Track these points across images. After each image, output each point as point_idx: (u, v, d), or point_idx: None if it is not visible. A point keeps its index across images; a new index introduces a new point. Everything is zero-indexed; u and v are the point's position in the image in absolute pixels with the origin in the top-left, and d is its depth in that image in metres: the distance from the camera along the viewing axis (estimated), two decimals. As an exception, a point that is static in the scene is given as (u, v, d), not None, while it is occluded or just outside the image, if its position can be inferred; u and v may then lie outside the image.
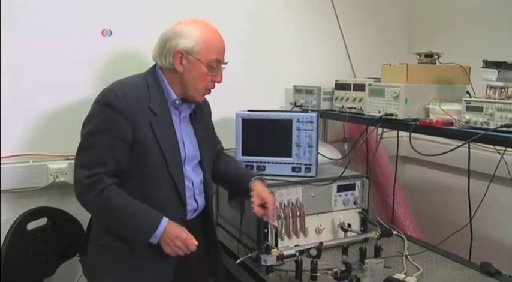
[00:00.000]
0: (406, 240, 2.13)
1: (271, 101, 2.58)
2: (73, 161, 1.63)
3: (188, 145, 1.71)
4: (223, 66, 1.70)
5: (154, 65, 1.71)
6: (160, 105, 1.63)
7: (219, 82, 1.70)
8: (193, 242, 1.59)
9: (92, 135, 1.57)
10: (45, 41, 2.07)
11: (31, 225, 1.97)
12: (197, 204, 1.73)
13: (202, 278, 1.85)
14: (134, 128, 1.56)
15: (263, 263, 1.69)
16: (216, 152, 1.97)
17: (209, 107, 1.94)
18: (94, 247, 1.72)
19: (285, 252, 1.70)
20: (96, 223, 1.74)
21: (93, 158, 1.55)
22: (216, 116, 2.01)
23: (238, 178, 1.87)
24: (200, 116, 1.81)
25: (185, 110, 1.73)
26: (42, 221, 2.02)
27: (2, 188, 2.00)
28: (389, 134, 2.50)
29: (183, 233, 1.58)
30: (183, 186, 1.66)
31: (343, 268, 1.66)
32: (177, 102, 1.67)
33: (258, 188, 1.79)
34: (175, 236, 1.57)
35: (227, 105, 2.22)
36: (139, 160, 1.59)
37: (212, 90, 1.74)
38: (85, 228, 2.07)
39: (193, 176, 1.72)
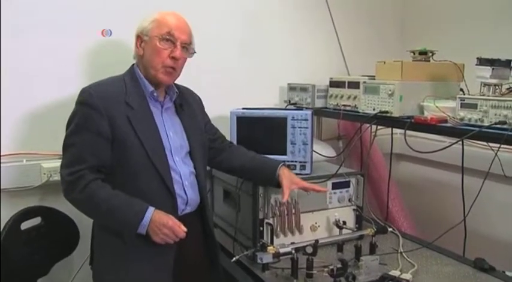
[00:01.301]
0: (400, 237, 2.14)
1: (265, 99, 2.57)
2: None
3: (173, 136, 1.71)
4: (185, 45, 1.67)
5: (133, 64, 1.74)
6: (138, 98, 1.65)
7: (177, 57, 1.65)
8: (181, 229, 1.58)
9: (72, 135, 1.60)
10: (43, 40, 2.06)
11: (25, 225, 1.96)
12: (187, 196, 1.72)
13: (202, 273, 1.85)
14: (111, 123, 1.58)
15: (259, 261, 1.70)
16: (221, 145, 1.98)
17: (199, 99, 1.95)
18: (96, 248, 1.73)
19: (281, 250, 1.71)
20: (95, 223, 1.74)
21: (74, 156, 1.58)
22: (210, 114, 2.01)
23: (264, 168, 1.89)
24: (187, 107, 1.82)
25: (167, 102, 1.74)
26: (36, 221, 2.01)
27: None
28: (383, 132, 2.51)
29: (170, 221, 1.58)
30: (170, 178, 1.66)
31: (339, 265, 1.66)
32: (155, 94, 1.69)
33: (288, 175, 1.84)
34: (161, 223, 1.57)
35: (221, 103, 2.22)
36: (121, 154, 1.60)
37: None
38: (79, 227, 2.09)
39: (181, 168, 1.72)
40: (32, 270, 1.98)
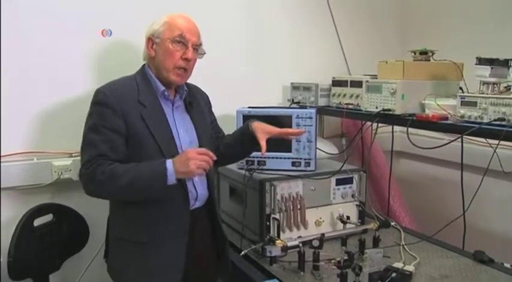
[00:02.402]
0: (402, 231, 2.20)
1: (268, 98, 2.62)
2: (77, 158, 1.69)
3: (183, 133, 1.77)
4: (195, 47, 1.73)
5: (144, 64, 1.80)
6: (150, 97, 1.71)
7: (189, 58, 1.71)
8: (208, 151, 1.61)
9: (89, 134, 1.65)
10: (46, 40, 2.10)
11: (37, 222, 2.00)
12: (196, 192, 1.77)
13: (211, 266, 1.90)
14: (126, 121, 1.64)
15: (268, 254, 1.75)
16: (221, 142, 2.01)
17: (207, 97, 2.00)
18: (112, 242, 1.79)
19: (289, 244, 1.77)
20: (111, 216, 1.79)
21: (92, 151, 1.62)
22: (216, 113, 2.06)
23: (240, 135, 1.92)
24: (196, 105, 1.88)
25: (177, 101, 1.80)
26: (48, 218, 2.06)
27: (7, 186, 2.04)
28: (383, 130, 2.57)
29: (191, 151, 1.60)
30: None
31: (345, 257, 1.72)
32: (166, 93, 1.75)
33: (259, 126, 1.84)
34: (185, 158, 1.57)
35: (226, 102, 2.26)
36: (135, 151, 1.66)
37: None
38: (89, 223, 2.14)
39: None
40: (44, 266, 2.02)
